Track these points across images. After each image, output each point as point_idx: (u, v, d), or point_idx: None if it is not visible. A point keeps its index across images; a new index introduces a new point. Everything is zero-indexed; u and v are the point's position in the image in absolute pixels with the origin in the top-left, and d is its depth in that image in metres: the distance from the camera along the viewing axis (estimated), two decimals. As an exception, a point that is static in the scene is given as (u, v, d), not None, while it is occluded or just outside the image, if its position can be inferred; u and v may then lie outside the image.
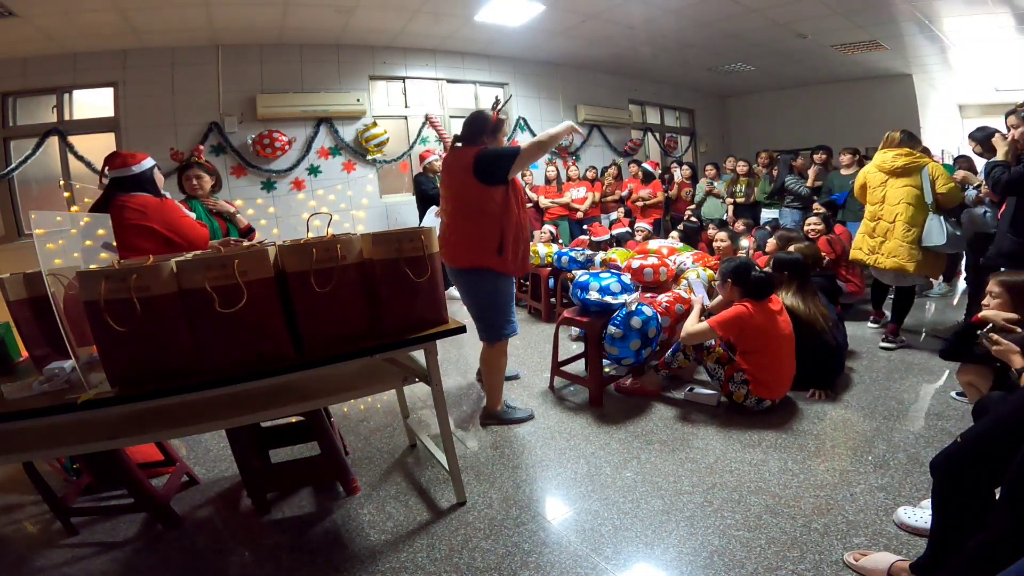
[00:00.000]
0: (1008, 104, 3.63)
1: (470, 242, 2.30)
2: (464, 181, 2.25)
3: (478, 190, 2.24)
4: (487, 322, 2.44)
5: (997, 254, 2.67)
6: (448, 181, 2.39)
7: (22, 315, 1.72)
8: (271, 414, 1.62)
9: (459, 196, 2.32)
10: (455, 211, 2.35)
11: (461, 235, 2.33)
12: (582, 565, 1.54)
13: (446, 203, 2.42)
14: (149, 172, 2.25)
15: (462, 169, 2.26)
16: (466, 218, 2.30)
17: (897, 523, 1.60)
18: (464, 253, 2.33)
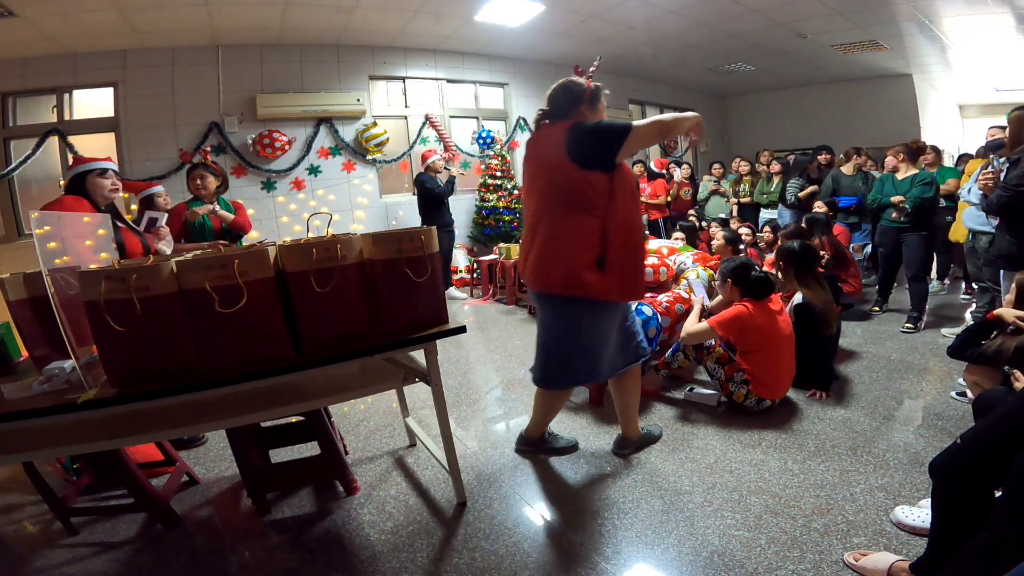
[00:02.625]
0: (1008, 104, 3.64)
1: (558, 253, 1.69)
2: (554, 165, 1.70)
3: (573, 177, 1.67)
4: (549, 359, 1.86)
5: (997, 255, 2.68)
6: (532, 170, 1.82)
7: (22, 315, 1.72)
8: (271, 414, 1.62)
9: (546, 188, 1.73)
10: (539, 210, 1.76)
11: (547, 243, 1.71)
12: (582, 565, 1.54)
13: (527, 202, 1.85)
14: (79, 177, 2.21)
15: (551, 149, 1.71)
16: (554, 220, 1.70)
17: (895, 522, 1.60)
18: (550, 269, 1.70)
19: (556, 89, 1.84)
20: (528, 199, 1.84)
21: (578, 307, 1.75)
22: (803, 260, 2.72)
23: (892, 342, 3.40)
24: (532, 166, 1.83)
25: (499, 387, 3.09)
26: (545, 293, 1.79)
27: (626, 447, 2.14)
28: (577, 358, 1.84)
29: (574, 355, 1.84)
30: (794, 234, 3.55)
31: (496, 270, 5.40)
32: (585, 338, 1.79)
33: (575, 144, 1.68)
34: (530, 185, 1.83)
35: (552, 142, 1.73)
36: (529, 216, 1.83)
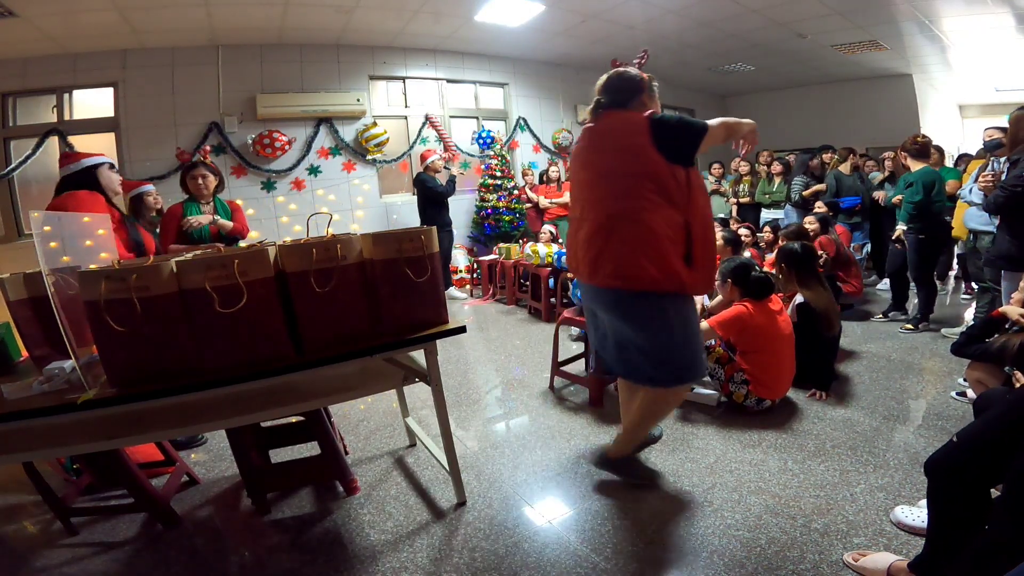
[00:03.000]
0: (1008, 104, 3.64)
1: (652, 246, 1.58)
2: (638, 156, 1.61)
3: (661, 170, 1.59)
4: (672, 361, 1.70)
5: (996, 255, 2.68)
6: (596, 160, 1.71)
7: (22, 315, 1.72)
8: (271, 414, 1.62)
9: (629, 179, 1.62)
10: (619, 203, 1.62)
11: (639, 236, 1.59)
12: (582, 565, 1.54)
13: (586, 193, 1.73)
14: (86, 172, 2.20)
15: (629, 138, 1.63)
16: (643, 212, 1.59)
17: (894, 522, 1.60)
18: (644, 264, 1.58)
19: (612, 79, 1.75)
20: (590, 189, 1.72)
21: (665, 302, 1.64)
22: (804, 261, 2.73)
23: (892, 342, 3.40)
24: (596, 157, 1.71)
25: (499, 387, 3.09)
26: (628, 289, 1.61)
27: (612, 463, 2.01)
28: (698, 339, 1.77)
29: (692, 338, 1.73)
30: (795, 234, 3.55)
31: (496, 270, 5.40)
32: (691, 325, 1.72)
33: (663, 136, 1.60)
34: (589, 178, 1.72)
35: (628, 131, 1.63)
36: (589, 210, 1.69)
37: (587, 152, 1.76)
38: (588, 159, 1.75)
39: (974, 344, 1.91)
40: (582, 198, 1.75)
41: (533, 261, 4.59)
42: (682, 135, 1.64)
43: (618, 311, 1.71)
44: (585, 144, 1.78)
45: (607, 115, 1.73)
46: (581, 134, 1.80)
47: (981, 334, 1.92)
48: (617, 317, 1.72)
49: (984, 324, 1.94)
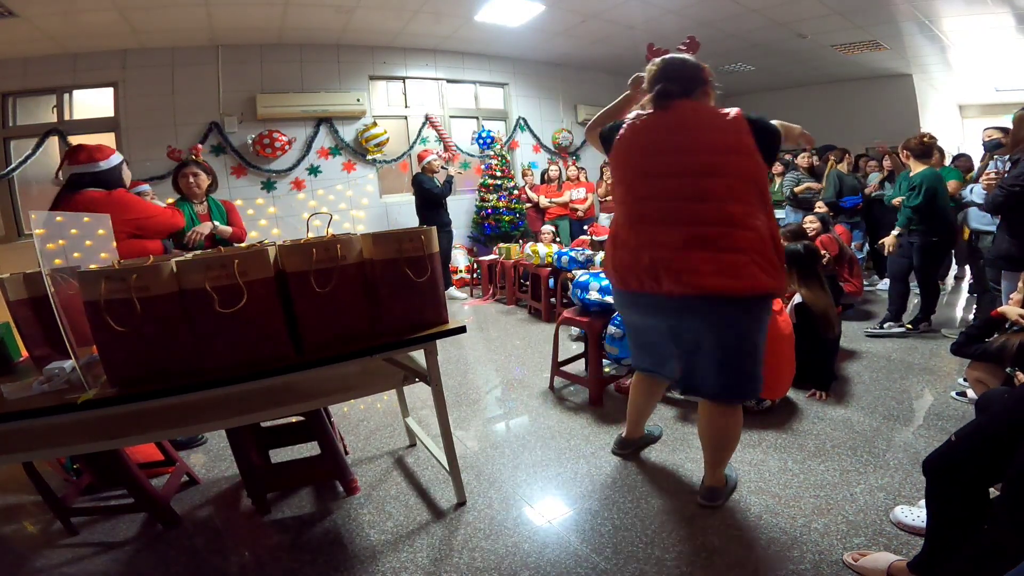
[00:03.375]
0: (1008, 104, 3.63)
1: (765, 249, 1.50)
2: (738, 151, 1.51)
3: (761, 170, 1.53)
4: (742, 372, 1.60)
5: (996, 255, 2.68)
6: (682, 159, 1.53)
7: (22, 315, 1.72)
8: (271, 414, 1.62)
9: (726, 182, 1.50)
10: (713, 204, 1.50)
11: (743, 245, 1.48)
12: (582, 565, 1.54)
13: (666, 190, 1.54)
14: (117, 168, 2.19)
15: (728, 136, 1.51)
16: (753, 213, 1.50)
17: (894, 522, 1.60)
18: (756, 271, 1.48)
19: (676, 64, 1.61)
20: (674, 188, 1.52)
21: (763, 307, 1.58)
22: (806, 262, 2.73)
23: (892, 342, 3.40)
24: (689, 154, 1.52)
25: (499, 387, 3.09)
26: (740, 294, 1.49)
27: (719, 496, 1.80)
28: (762, 349, 1.64)
29: (760, 347, 1.63)
30: (794, 234, 3.55)
31: (496, 270, 5.40)
32: (764, 332, 1.63)
33: (762, 137, 1.53)
34: (680, 171, 1.52)
35: (727, 128, 1.52)
36: (688, 209, 1.51)
37: (661, 144, 1.55)
38: (662, 152, 1.54)
39: (974, 344, 1.92)
40: (654, 195, 1.55)
41: (533, 261, 4.59)
42: (772, 136, 1.57)
43: (726, 324, 1.55)
44: (655, 136, 1.57)
45: (680, 105, 1.56)
46: (640, 122, 1.59)
47: (980, 334, 1.92)
48: (721, 327, 1.55)
49: (983, 324, 1.94)
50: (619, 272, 1.67)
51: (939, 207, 3.34)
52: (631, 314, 1.80)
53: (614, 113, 1.84)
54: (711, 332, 1.57)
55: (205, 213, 2.82)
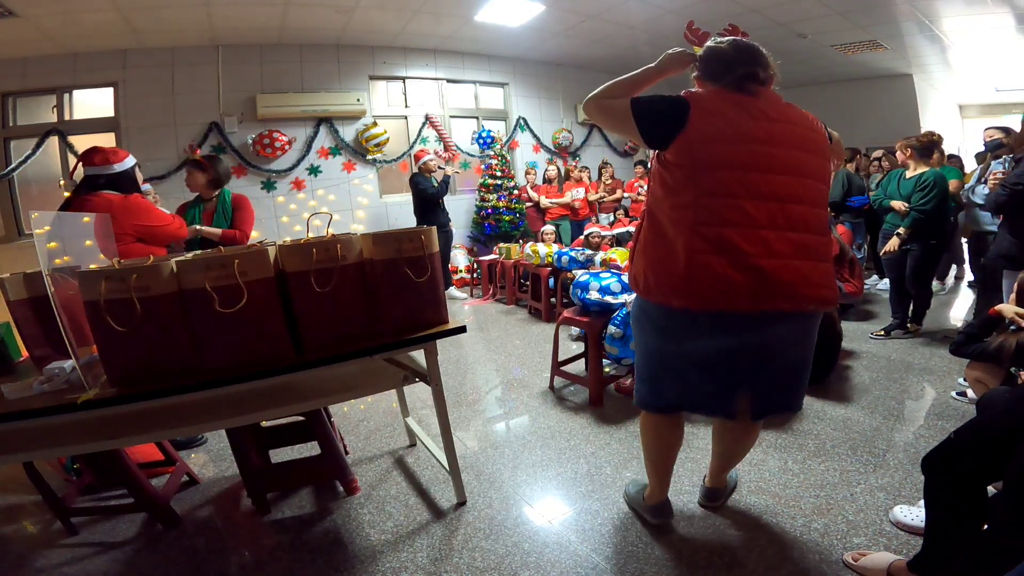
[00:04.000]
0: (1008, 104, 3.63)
1: (830, 260, 1.41)
2: (824, 162, 1.39)
3: (829, 177, 1.42)
4: (806, 381, 1.50)
5: (997, 255, 2.68)
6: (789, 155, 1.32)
7: (22, 315, 1.72)
8: (271, 414, 1.62)
9: (817, 187, 1.37)
10: (809, 208, 1.34)
11: (827, 253, 1.39)
12: (582, 565, 1.54)
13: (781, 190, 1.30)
14: (131, 171, 2.24)
15: (816, 137, 1.38)
16: (827, 226, 1.41)
17: (893, 521, 1.60)
18: (833, 284, 1.39)
19: (758, 49, 1.41)
20: (785, 186, 1.30)
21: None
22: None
23: (892, 342, 3.40)
24: (793, 151, 1.33)
25: (499, 387, 3.09)
26: (832, 305, 1.40)
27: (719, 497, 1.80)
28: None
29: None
30: None
31: (496, 270, 5.40)
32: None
33: (830, 143, 1.44)
34: (789, 169, 1.31)
35: (813, 128, 1.39)
36: (795, 212, 1.30)
37: (763, 134, 1.30)
38: (765, 143, 1.30)
39: (972, 343, 1.92)
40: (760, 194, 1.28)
41: (533, 261, 4.59)
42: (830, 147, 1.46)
43: (807, 332, 1.42)
44: (754, 125, 1.30)
45: (767, 94, 1.36)
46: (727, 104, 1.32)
47: (979, 333, 1.92)
48: (805, 338, 1.42)
49: (982, 323, 1.94)
50: (707, 289, 1.27)
51: (945, 209, 3.26)
52: (695, 341, 1.37)
53: (633, 86, 1.46)
54: (793, 346, 1.40)
55: (210, 211, 2.80)
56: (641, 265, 1.40)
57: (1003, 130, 3.57)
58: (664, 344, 1.43)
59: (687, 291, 1.28)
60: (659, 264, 1.34)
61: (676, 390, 1.46)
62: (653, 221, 1.38)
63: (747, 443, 1.65)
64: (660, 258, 1.34)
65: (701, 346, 1.36)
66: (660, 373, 1.47)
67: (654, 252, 1.36)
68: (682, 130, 1.29)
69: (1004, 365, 1.80)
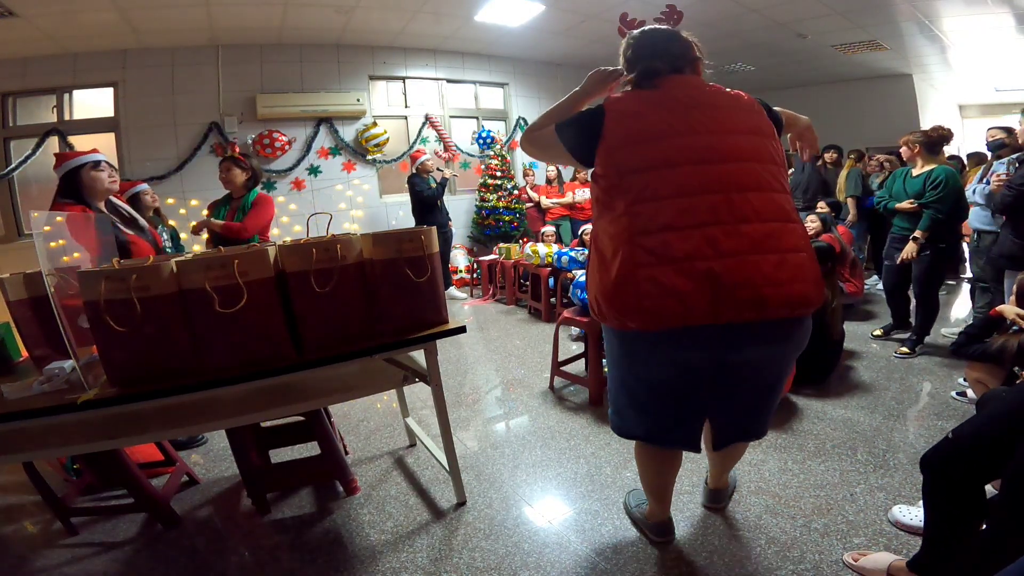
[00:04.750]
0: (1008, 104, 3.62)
1: (812, 256, 1.24)
2: (769, 141, 1.27)
3: (782, 158, 1.28)
4: (775, 403, 1.42)
5: (999, 255, 2.68)
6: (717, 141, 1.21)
7: (22, 315, 1.72)
8: (271, 414, 1.62)
9: (769, 169, 1.23)
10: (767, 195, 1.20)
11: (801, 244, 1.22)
12: (582, 565, 1.54)
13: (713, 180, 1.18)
14: (72, 175, 2.03)
15: (754, 118, 1.28)
16: (794, 213, 1.24)
17: (892, 521, 1.60)
18: (817, 278, 1.22)
19: (667, 39, 1.34)
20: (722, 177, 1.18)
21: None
22: (822, 261, 2.71)
23: (892, 342, 3.39)
24: (713, 121, 1.22)
25: (499, 387, 3.09)
26: (799, 308, 1.19)
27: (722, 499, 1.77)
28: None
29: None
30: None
31: (496, 270, 5.40)
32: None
33: (773, 119, 1.32)
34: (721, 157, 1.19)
35: (738, 102, 1.27)
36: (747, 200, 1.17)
37: (681, 125, 1.20)
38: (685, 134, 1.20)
39: (974, 344, 1.92)
40: (695, 189, 1.16)
41: (533, 261, 4.59)
42: (778, 123, 1.36)
43: (786, 351, 1.28)
44: (668, 117, 1.21)
45: (675, 80, 1.28)
46: (636, 102, 1.25)
47: (980, 333, 1.92)
48: (776, 360, 1.29)
49: (983, 323, 1.95)
50: (658, 305, 1.13)
51: (961, 208, 3.02)
52: (655, 366, 1.25)
53: (562, 112, 1.40)
54: (767, 366, 1.28)
55: (234, 209, 2.82)
56: (592, 290, 1.29)
57: (1005, 130, 3.57)
58: (625, 371, 1.34)
59: (638, 310, 1.15)
60: (605, 285, 1.21)
61: (638, 421, 1.37)
62: (595, 242, 1.29)
63: (741, 449, 1.63)
64: (605, 279, 1.22)
65: (662, 371, 1.25)
66: (624, 402, 1.39)
67: (600, 273, 1.24)
68: (600, 138, 1.23)
69: (1006, 366, 1.80)
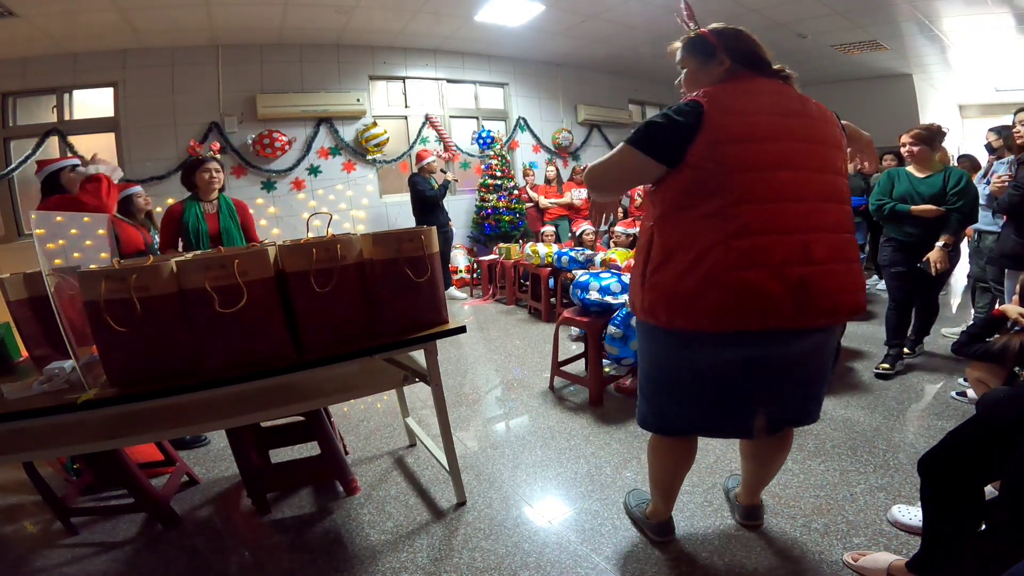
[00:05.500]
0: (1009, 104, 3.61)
1: (858, 258, 1.28)
2: (842, 156, 1.31)
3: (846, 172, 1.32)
4: (825, 388, 1.43)
5: (1001, 254, 2.68)
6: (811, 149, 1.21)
7: (22, 315, 1.72)
8: (271, 414, 1.62)
9: (842, 181, 1.26)
10: (839, 205, 1.24)
11: (852, 250, 1.25)
12: (582, 565, 1.54)
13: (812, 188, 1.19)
14: (53, 175, 2.34)
15: (832, 129, 1.28)
16: (851, 222, 1.28)
17: (891, 521, 1.60)
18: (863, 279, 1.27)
19: (755, 41, 1.34)
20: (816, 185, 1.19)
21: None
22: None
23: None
24: (814, 144, 1.22)
25: (499, 387, 3.09)
26: (856, 314, 1.26)
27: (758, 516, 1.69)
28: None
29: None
30: None
31: (496, 270, 5.40)
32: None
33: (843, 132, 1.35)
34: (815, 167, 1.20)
35: (827, 120, 1.28)
36: (830, 209, 1.20)
37: (781, 129, 1.19)
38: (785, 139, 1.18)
39: (975, 343, 1.92)
40: (791, 195, 1.16)
41: (533, 261, 4.59)
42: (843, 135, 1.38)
43: (829, 340, 1.34)
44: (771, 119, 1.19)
45: (773, 85, 1.25)
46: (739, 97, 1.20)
47: (982, 333, 1.92)
48: (823, 349, 1.33)
49: (985, 323, 1.94)
50: (742, 309, 1.13)
51: (976, 211, 2.77)
52: (714, 361, 1.25)
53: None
54: (816, 356, 1.31)
55: (214, 212, 2.78)
56: (652, 291, 1.22)
57: (996, 131, 3.56)
58: (676, 368, 1.31)
59: (719, 311, 1.13)
60: (679, 285, 1.17)
61: (686, 414, 1.36)
62: (664, 239, 1.21)
63: (781, 460, 1.55)
64: (678, 279, 1.17)
65: (720, 365, 1.25)
66: (668, 396, 1.36)
67: (667, 274, 1.19)
68: (699, 130, 1.15)
69: (1007, 365, 1.80)
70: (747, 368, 1.25)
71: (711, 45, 1.33)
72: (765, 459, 1.54)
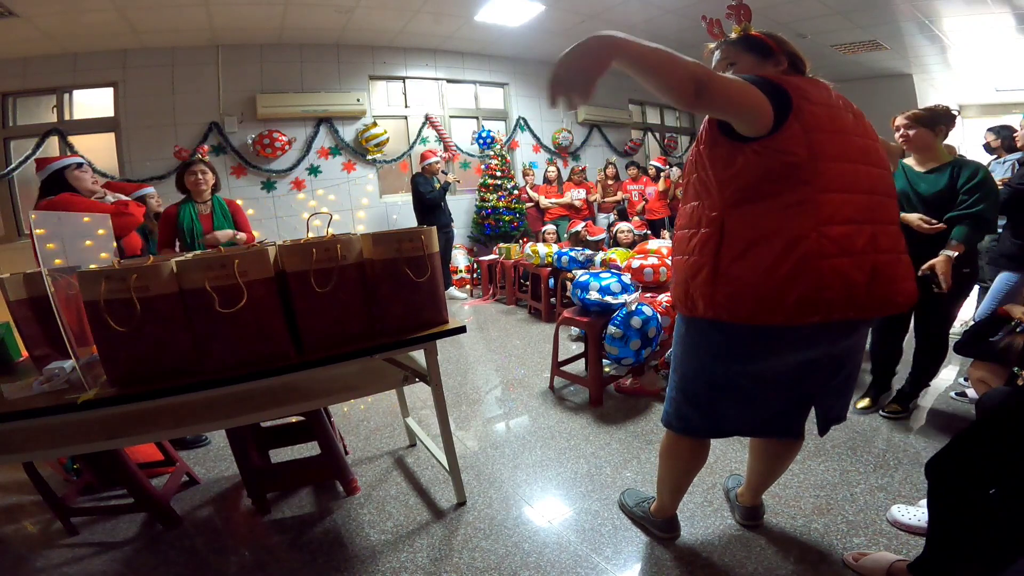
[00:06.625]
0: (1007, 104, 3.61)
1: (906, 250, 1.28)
2: (879, 146, 1.29)
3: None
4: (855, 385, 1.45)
5: (999, 254, 2.68)
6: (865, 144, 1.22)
7: (22, 315, 1.72)
8: (271, 414, 1.62)
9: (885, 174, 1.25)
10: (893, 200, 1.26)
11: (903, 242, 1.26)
12: (582, 565, 1.54)
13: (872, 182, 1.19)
14: (56, 174, 2.33)
15: (870, 129, 1.29)
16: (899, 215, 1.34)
17: (891, 521, 1.60)
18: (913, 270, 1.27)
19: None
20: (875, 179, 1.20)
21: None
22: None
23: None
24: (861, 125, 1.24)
25: (499, 387, 3.09)
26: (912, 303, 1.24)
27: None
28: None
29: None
30: None
31: (496, 270, 5.40)
32: None
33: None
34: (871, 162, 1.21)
35: (863, 115, 1.28)
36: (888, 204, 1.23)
37: (845, 123, 1.20)
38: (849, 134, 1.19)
39: (979, 342, 1.91)
40: (862, 187, 1.17)
41: (533, 261, 4.59)
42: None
43: (866, 334, 1.38)
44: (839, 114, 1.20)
45: (822, 84, 1.25)
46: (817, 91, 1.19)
47: (985, 332, 1.92)
48: (862, 344, 1.36)
49: (988, 322, 1.94)
50: (832, 297, 1.09)
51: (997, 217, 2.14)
52: (777, 359, 1.23)
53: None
54: (858, 351, 1.32)
55: (208, 213, 2.78)
56: (730, 284, 1.15)
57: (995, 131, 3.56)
58: (731, 366, 1.26)
59: (807, 303, 1.09)
60: (764, 278, 1.11)
61: (737, 415, 1.34)
62: (744, 229, 1.15)
63: (791, 459, 1.55)
64: (765, 271, 1.11)
65: (782, 363, 1.23)
66: (720, 398, 1.32)
67: (751, 264, 1.13)
68: (790, 115, 1.11)
69: (1010, 365, 1.79)
70: (814, 363, 1.24)
71: (768, 46, 1.36)
72: (777, 458, 1.54)
